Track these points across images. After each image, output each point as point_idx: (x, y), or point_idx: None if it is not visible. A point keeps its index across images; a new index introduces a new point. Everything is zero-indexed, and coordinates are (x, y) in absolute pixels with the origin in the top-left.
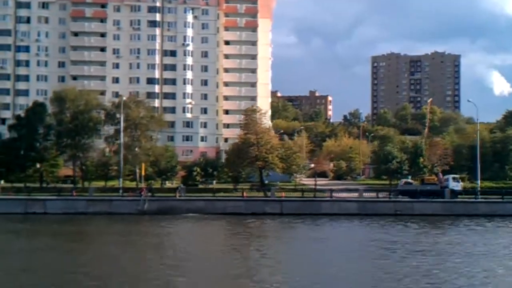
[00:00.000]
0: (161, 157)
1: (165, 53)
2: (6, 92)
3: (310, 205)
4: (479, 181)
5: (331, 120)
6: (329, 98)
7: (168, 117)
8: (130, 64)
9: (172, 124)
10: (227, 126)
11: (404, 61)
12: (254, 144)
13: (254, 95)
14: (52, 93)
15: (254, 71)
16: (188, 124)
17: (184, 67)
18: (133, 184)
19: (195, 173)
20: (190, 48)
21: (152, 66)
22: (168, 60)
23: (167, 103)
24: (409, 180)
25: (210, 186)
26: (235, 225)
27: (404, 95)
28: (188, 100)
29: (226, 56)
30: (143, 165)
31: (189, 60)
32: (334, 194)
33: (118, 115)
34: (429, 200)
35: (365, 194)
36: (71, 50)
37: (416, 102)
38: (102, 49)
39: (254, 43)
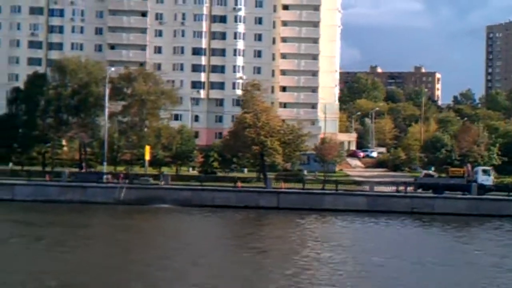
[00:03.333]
0: (173, 140)
1: (213, 19)
2: (37, 62)
3: (311, 199)
4: None
5: (439, 102)
6: (437, 76)
7: (216, 94)
8: (174, 32)
9: (220, 102)
10: (283, 105)
11: None
12: (250, 126)
13: (315, 70)
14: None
15: (316, 41)
16: (238, 102)
17: (235, 36)
18: (142, 171)
19: (211, 159)
20: (242, 13)
21: (198, 34)
22: (217, 27)
23: (215, 77)
24: (430, 172)
25: (231, 174)
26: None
27: None
28: (238, 75)
29: (284, 23)
30: (146, 148)
31: (241, 28)
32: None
33: (125, 90)
34: (452, 196)
35: (377, 188)
36: (109, 14)
37: None
38: (143, 14)
39: (316, 8)
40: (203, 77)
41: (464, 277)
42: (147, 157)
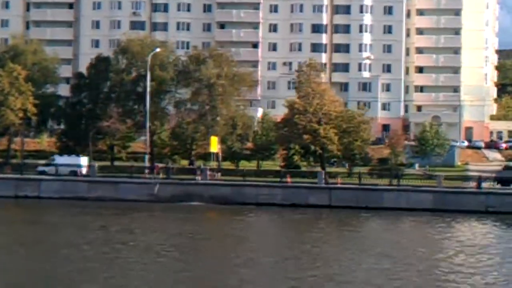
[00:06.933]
0: (249, 129)
1: None
2: None
3: (368, 196)
4: None
5: None
6: None
7: (339, 77)
8: (291, 6)
9: (344, 87)
10: (420, 89)
11: None
12: (301, 112)
13: (457, 47)
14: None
15: (458, 12)
16: (365, 86)
17: (361, 9)
18: (215, 165)
19: (292, 151)
20: None
21: (318, 8)
22: (340, 0)
23: (338, 58)
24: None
25: (316, 169)
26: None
27: None
28: (365, 54)
29: None
30: (212, 139)
31: None
32: None
33: (193, 73)
34: None
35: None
36: None
37: None
38: None
39: None
40: (324, 58)
41: None
42: (215, 149)
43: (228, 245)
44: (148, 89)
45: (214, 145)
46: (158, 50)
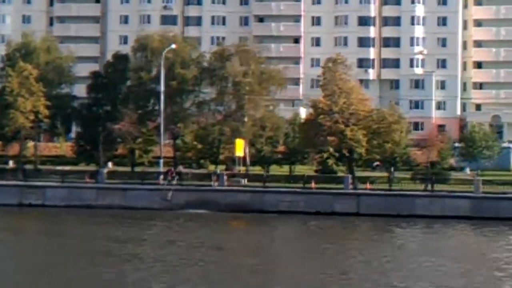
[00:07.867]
0: (279, 131)
1: None
2: None
3: (398, 203)
4: None
5: None
6: None
7: (389, 73)
8: None
9: (395, 84)
10: (479, 86)
11: None
12: (326, 112)
13: None
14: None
15: None
16: (417, 83)
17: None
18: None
19: (325, 155)
20: None
21: (366, 0)
22: None
23: (387, 53)
24: None
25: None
26: None
27: None
28: (417, 48)
29: None
30: (237, 142)
31: None
32: None
33: (222, 72)
34: None
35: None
36: None
37: None
38: None
39: None
40: (372, 53)
41: None
42: (240, 153)
43: (259, 260)
44: (163, 89)
45: (240, 149)
46: (173, 46)
